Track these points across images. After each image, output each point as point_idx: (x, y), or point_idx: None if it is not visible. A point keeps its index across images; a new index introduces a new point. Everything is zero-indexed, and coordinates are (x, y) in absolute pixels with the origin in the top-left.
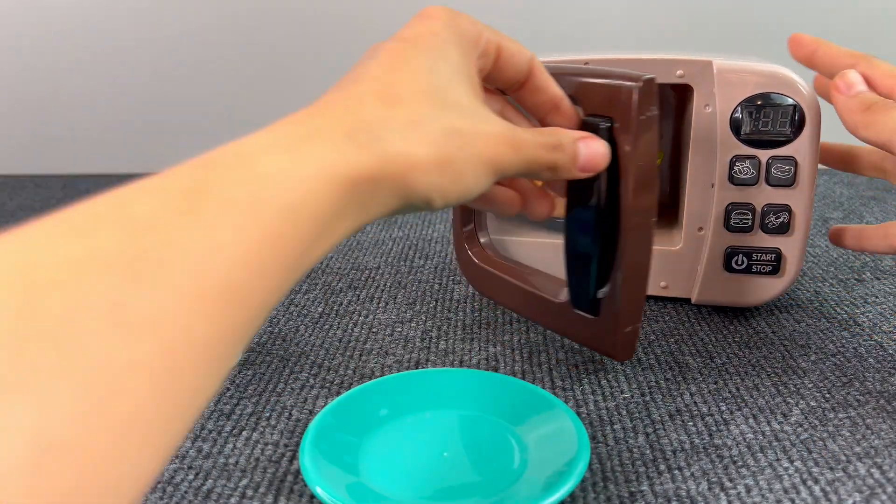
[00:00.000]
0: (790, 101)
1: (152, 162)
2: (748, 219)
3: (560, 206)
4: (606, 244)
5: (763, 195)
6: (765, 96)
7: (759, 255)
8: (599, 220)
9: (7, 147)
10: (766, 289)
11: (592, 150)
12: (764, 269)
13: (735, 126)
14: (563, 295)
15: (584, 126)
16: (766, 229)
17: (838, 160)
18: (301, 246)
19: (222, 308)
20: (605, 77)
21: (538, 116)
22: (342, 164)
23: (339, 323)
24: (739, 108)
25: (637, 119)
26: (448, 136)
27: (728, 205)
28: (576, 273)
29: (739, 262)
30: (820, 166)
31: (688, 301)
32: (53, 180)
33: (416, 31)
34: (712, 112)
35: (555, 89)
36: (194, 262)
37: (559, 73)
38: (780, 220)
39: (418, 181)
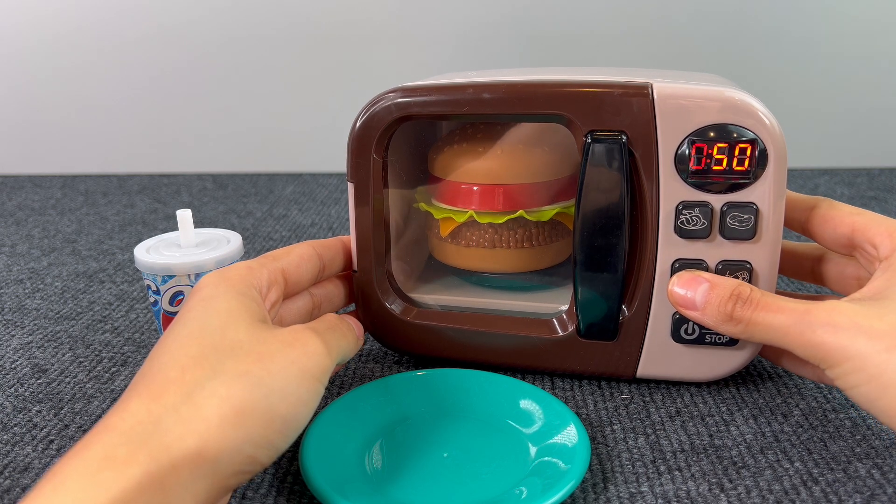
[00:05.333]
0: (750, 135)
1: (152, 162)
2: None
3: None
4: (632, 260)
5: (717, 250)
6: (719, 128)
7: None
8: (626, 238)
9: (6, 147)
10: (722, 362)
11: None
12: (719, 338)
13: (681, 165)
14: (562, 329)
15: (594, 142)
16: None
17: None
18: None
19: None
20: (602, 87)
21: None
22: (98, 493)
23: None
24: (686, 143)
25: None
26: (234, 382)
27: (675, 262)
28: (596, 302)
29: (690, 331)
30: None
31: (629, 378)
32: (52, 180)
33: (188, 305)
34: (651, 147)
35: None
36: None
37: (538, 87)
38: (739, 280)
39: (216, 446)
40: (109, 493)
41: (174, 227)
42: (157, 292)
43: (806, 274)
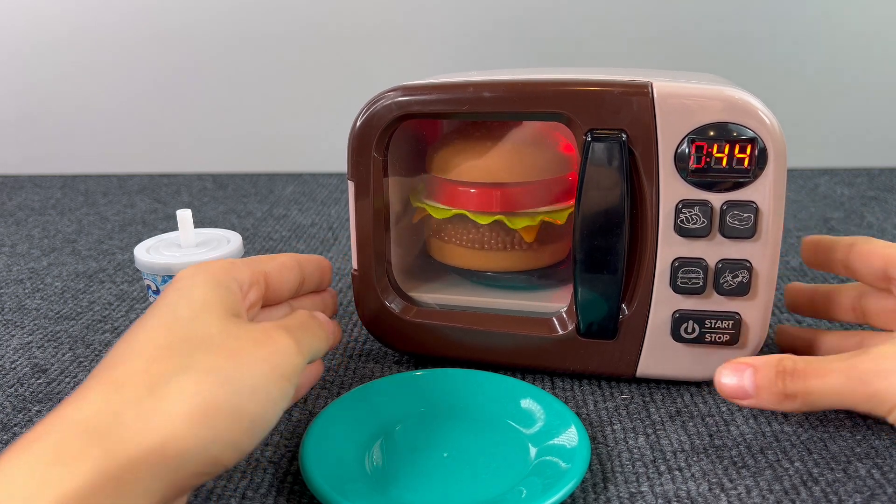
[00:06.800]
0: (749, 134)
1: (152, 162)
2: (699, 277)
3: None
4: (632, 259)
5: (717, 249)
6: (718, 127)
7: (714, 321)
8: (626, 236)
9: (6, 147)
10: (722, 362)
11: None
12: (720, 338)
13: (681, 163)
14: (562, 328)
15: (594, 140)
16: (721, 290)
17: (807, 305)
18: None
19: None
20: (602, 86)
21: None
22: (46, 490)
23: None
24: (686, 142)
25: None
26: (203, 378)
27: (674, 260)
28: (596, 301)
29: (690, 330)
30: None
31: (629, 377)
32: (52, 180)
33: (163, 294)
34: (650, 146)
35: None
36: None
37: (539, 85)
38: (739, 279)
39: (180, 444)
40: (58, 491)
41: (174, 227)
42: (157, 292)
43: (846, 312)
